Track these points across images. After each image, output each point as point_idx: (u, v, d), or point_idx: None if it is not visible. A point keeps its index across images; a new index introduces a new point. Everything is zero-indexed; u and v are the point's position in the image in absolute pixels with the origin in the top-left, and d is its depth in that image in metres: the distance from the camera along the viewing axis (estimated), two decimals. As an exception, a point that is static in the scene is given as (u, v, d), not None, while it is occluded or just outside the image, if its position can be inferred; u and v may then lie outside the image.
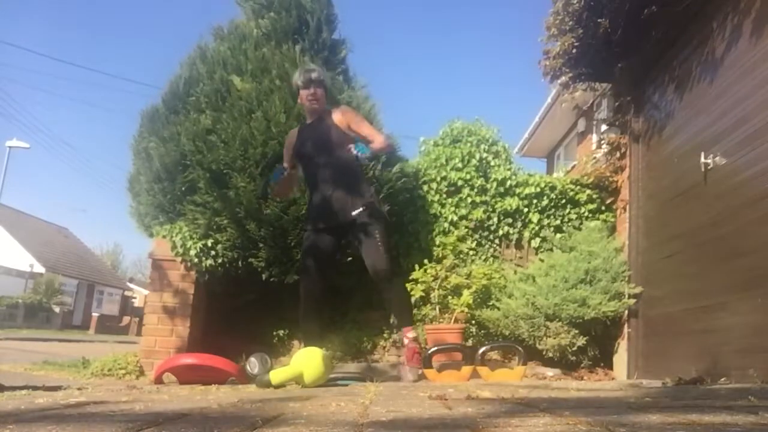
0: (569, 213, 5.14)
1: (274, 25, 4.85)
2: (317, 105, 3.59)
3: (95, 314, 29.38)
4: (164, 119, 4.69)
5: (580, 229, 4.91)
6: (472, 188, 5.14)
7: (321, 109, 3.62)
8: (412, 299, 4.78)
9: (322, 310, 3.65)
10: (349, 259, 4.42)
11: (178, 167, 4.48)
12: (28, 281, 28.62)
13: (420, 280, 4.59)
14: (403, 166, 4.86)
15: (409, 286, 4.62)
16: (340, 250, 3.61)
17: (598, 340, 4.38)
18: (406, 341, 3.53)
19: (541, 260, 4.74)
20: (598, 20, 4.33)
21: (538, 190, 5.13)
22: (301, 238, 4.30)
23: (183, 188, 4.49)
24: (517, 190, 5.15)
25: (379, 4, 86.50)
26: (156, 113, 4.78)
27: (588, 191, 5.14)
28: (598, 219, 5.04)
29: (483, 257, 5.07)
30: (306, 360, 2.97)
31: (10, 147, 25.82)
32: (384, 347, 4.77)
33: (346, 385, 3.13)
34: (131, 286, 42.01)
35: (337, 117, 3.57)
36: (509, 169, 5.23)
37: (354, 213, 3.41)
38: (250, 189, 4.25)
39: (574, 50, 4.59)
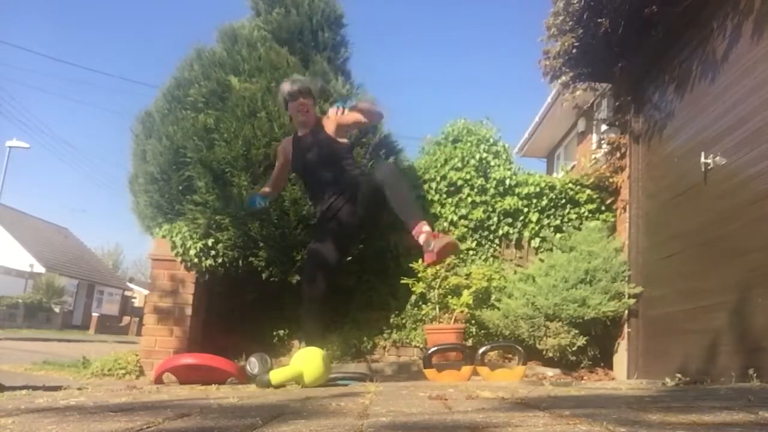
0: (569, 213, 5.14)
1: (280, 24, 4.85)
2: (306, 117, 3.51)
3: (95, 314, 29.37)
4: (160, 119, 4.70)
5: (580, 229, 4.91)
6: (471, 188, 5.13)
7: (312, 118, 3.55)
8: (412, 297, 4.79)
9: (324, 312, 3.64)
10: (349, 258, 4.43)
11: (172, 166, 4.48)
12: (28, 281, 28.61)
13: (420, 275, 4.59)
14: (398, 160, 4.87)
15: (409, 281, 4.62)
16: (345, 257, 3.59)
17: (598, 340, 4.38)
18: (423, 236, 3.07)
19: (541, 260, 4.74)
20: (599, 20, 4.32)
21: (538, 189, 5.13)
22: (301, 238, 4.31)
23: (180, 187, 4.49)
24: (517, 190, 5.14)
25: (380, 2, 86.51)
26: (151, 115, 4.79)
27: (588, 191, 5.14)
28: (598, 219, 5.04)
29: (483, 257, 5.07)
30: (306, 360, 2.97)
31: (10, 147, 25.82)
32: (384, 347, 4.77)
33: (346, 385, 3.13)
34: (131, 286, 41.99)
35: (328, 125, 3.49)
36: (509, 169, 5.22)
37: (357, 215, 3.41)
38: (252, 189, 4.25)
39: (574, 50, 4.59)
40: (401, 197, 3.17)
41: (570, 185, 5.17)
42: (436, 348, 3.81)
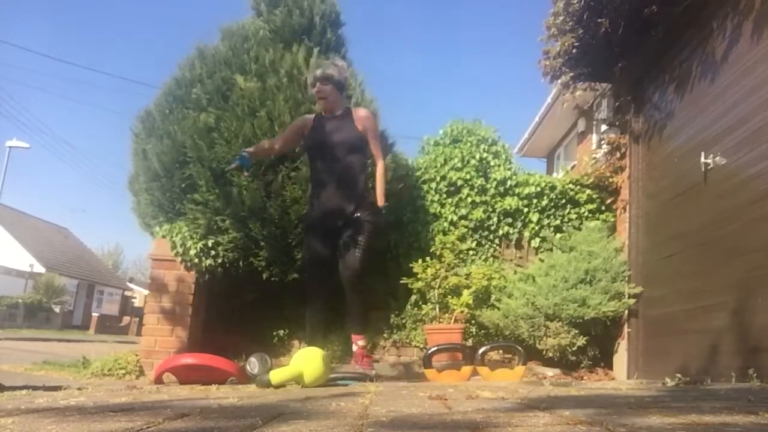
0: (569, 213, 5.14)
1: (284, 23, 4.86)
2: (325, 102, 3.55)
3: (95, 314, 29.38)
4: (161, 119, 4.70)
5: (580, 229, 4.91)
6: (471, 188, 5.13)
7: (332, 105, 3.57)
8: (412, 297, 4.79)
9: (327, 310, 3.66)
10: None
11: (175, 164, 4.49)
12: (28, 281, 28.62)
13: (420, 275, 4.59)
14: (395, 158, 4.87)
15: (409, 280, 4.62)
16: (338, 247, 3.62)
17: (598, 340, 4.38)
18: (355, 347, 3.53)
19: (541, 260, 4.74)
20: (599, 20, 4.33)
21: (538, 189, 5.13)
22: (301, 238, 4.31)
23: (183, 185, 4.49)
24: (517, 190, 5.15)
25: (381, 2, 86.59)
26: (151, 114, 4.79)
27: (588, 191, 5.14)
28: (598, 219, 5.04)
29: (483, 257, 5.07)
30: (306, 360, 2.96)
31: (10, 147, 25.83)
32: (384, 347, 4.77)
33: (346, 385, 3.13)
34: (131, 286, 42.01)
35: (358, 119, 3.54)
36: (509, 169, 5.22)
37: (348, 213, 3.45)
38: (253, 188, 4.25)
39: (574, 50, 4.59)
40: (351, 307, 3.55)
41: (570, 185, 5.17)
42: (436, 348, 3.81)
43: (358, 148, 3.53)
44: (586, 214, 5.11)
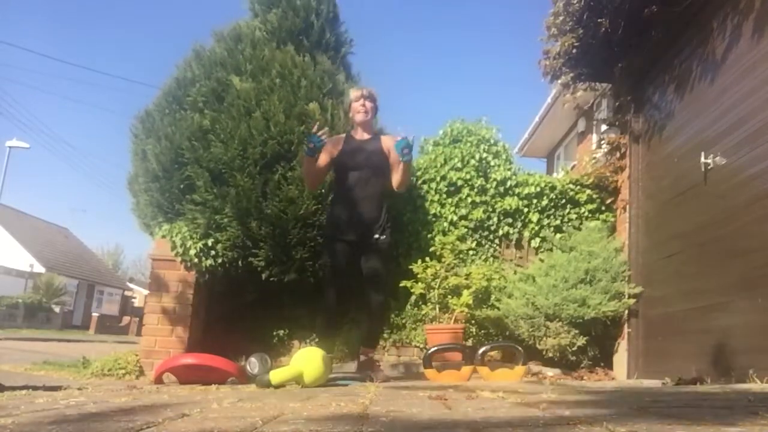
0: (569, 213, 5.13)
1: (280, 23, 4.86)
2: (364, 117, 3.73)
3: (95, 314, 29.36)
4: (159, 119, 4.70)
5: (580, 229, 4.90)
6: (471, 188, 5.13)
7: (368, 122, 3.78)
8: (412, 297, 4.79)
9: (338, 312, 3.84)
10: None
11: (174, 165, 4.50)
12: (28, 281, 28.61)
13: (420, 276, 4.58)
14: None
15: (408, 283, 4.62)
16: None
17: (598, 340, 4.38)
18: (362, 357, 3.66)
19: (541, 260, 4.74)
20: (599, 20, 4.33)
21: (538, 190, 5.13)
22: (300, 237, 4.32)
23: (181, 186, 4.50)
24: (517, 190, 5.14)
25: (381, 2, 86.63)
26: (150, 114, 4.80)
27: (588, 191, 5.14)
28: (598, 219, 5.04)
29: (483, 257, 5.07)
30: (306, 360, 2.97)
31: (10, 147, 25.82)
32: (384, 347, 4.77)
33: (346, 385, 3.13)
34: (131, 286, 42.01)
35: (386, 143, 3.73)
36: (509, 169, 5.22)
37: (374, 237, 3.64)
38: (249, 187, 4.26)
39: (575, 50, 4.59)
40: (372, 322, 3.80)
41: (570, 185, 5.16)
42: (436, 348, 3.81)
43: (385, 172, 3.71)
44: (586, 214, 5.11)
